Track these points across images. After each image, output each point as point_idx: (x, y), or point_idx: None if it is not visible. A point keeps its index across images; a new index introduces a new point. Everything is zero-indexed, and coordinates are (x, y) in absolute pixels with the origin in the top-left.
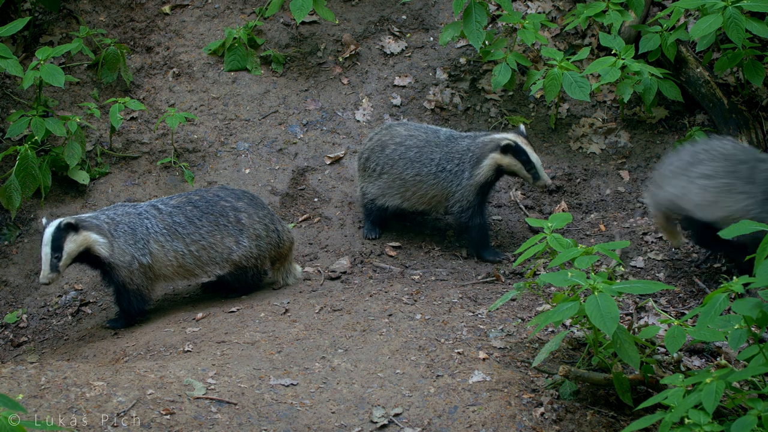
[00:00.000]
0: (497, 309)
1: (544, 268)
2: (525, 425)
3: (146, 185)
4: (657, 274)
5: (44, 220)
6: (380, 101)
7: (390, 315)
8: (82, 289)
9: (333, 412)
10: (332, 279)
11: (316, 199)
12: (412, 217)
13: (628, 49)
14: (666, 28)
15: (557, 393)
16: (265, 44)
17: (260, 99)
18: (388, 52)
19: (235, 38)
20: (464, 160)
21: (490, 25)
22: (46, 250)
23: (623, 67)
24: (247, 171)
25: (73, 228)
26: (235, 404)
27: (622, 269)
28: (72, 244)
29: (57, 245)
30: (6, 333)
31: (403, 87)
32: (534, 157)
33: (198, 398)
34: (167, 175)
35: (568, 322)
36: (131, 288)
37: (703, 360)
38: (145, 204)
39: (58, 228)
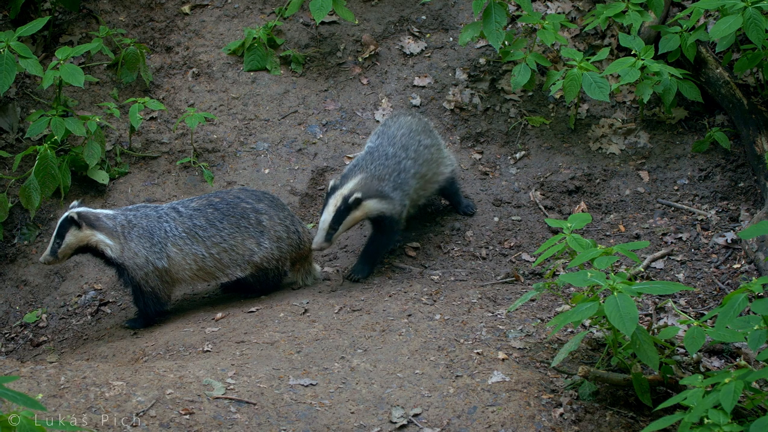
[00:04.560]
0: (516, 309)
1: (563, 268)
2: (544, 425)
3: (166, 185)
4: (676, 275)
5: (75, 202)
6: (400, 101)
7: (409, 315)
8: (101, 289)
9: (352, 413)
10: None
11: None
12: (431, 217)
13: (647, 49)
14: (686, 28)
15: (576, 393)
16: (284, 44)
17: (280, 99)
18: (408, 53)
19: (254, 38)
20: None
21: (510, 26)
22: (54, 233)
23: (643, 68)
24: (267, 171)
25: (75, 224)
26: (255, 404)
27: (642, 269)
28: (71, 238)
29: (61, 233)
30: (26, 332)
31: (423, 87)
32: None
33: (217, 398)
34: (187, 175)
35: (587, 323)
36: (146, 290)
37: (723, 361)
38: (165, 206)
39: (65, 219)
